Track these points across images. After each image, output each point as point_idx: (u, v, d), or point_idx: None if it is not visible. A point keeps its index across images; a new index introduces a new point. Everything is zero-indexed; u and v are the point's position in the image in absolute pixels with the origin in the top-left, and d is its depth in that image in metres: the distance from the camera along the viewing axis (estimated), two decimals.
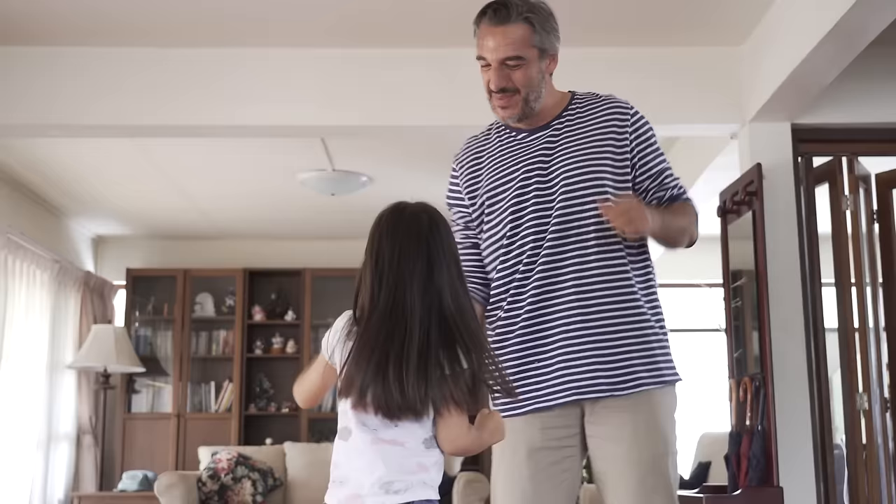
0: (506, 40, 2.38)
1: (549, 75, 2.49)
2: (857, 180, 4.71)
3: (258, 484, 6.94)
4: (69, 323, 7.67)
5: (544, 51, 2.43)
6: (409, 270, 1.91)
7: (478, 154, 2.60)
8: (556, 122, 2.49)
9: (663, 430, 2.37)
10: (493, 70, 2.42)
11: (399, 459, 1.90)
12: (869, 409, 4.49)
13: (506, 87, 2.42)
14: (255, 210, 7.67)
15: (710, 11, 4.45)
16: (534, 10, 2.41)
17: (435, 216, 1.98)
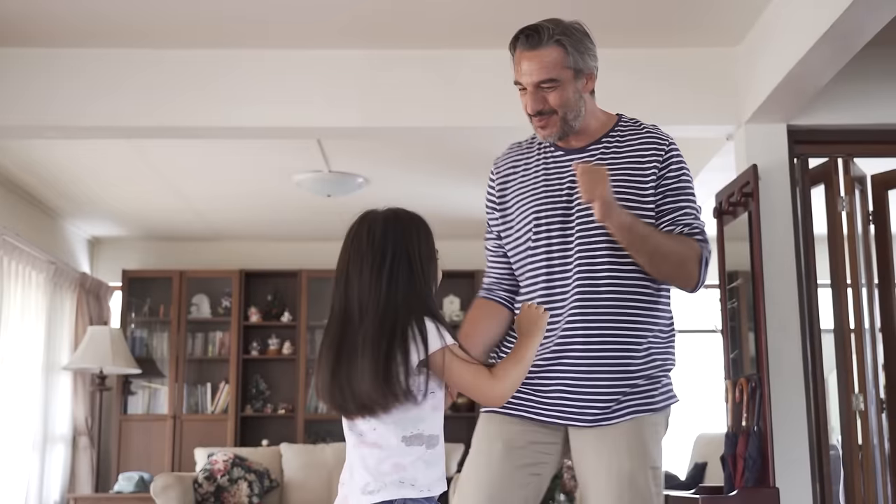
0: (539, 64, 2.42)
1: (589, 94, 2.52)
2: (852, 181, 4.72)
3: (254, 485, 6.93)
4: (65, 324, 7.66)
5: (579, 71, 2.46)
6: (355, 272, 2.04)
7: (515, 163, 2.63)
8: (593, 147, 2.52)
9: (645, 445, 2.39)
10: (529, 94, 2.45)
11: (375, 462, 1.98)
12: (865, 409, 4.50)
13: (542, 109, 2.46)
14: (251, 211, 7.67)
15: (705, 12, 4.46)
16: (566, 33, 2.45)
17: (367, 217, 2.08)
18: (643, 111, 4.85)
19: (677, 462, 7.11)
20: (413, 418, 1.99)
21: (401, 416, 1.98)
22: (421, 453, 1.99)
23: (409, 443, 1.98)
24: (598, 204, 2.30)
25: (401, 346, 1.96)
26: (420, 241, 2.06)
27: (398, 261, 2.01)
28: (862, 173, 4.83)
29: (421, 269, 2.03)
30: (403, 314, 1.98)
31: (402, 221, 2.07)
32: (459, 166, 6.54)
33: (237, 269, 8.20)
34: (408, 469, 1.98)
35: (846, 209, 4.68)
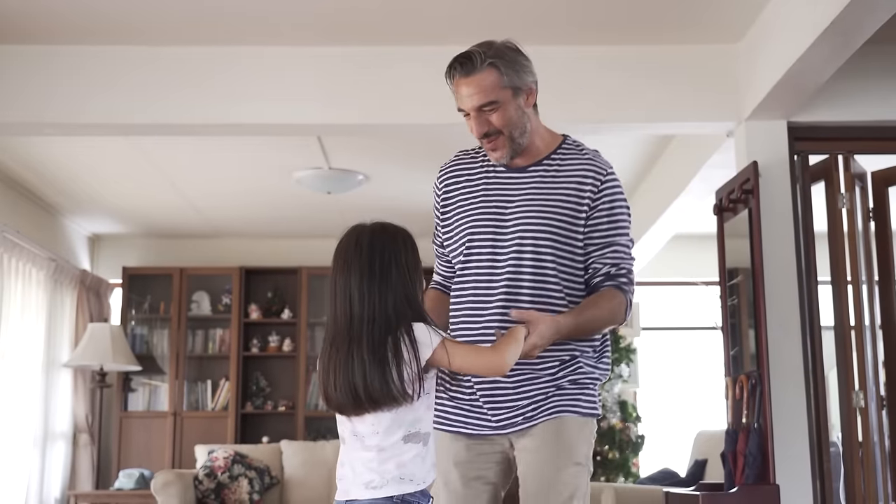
0: (477, 89, 2.48)
1: (532, 110, 2.57)
2: (853, 178, 4.71)
3: (255, 482, 6.94)
4: (65, 321, 7.67)
5: (517, 89, 2.51)
6: (346, 283, 2.23)
7: (458, 174, 2.69)
8: (533, 168, 2.57)
9: (570, 441, 2.46)
10: (473, 118, 2.52)
11: (378, 463, 2.15)
12: (865, 406, 4.50)
13: (487, 131, 2.51)
14: (251, 208, 7.67)
15: (705, 9, 4.46)
16: (498, 55, 2.49)
17: (355, 230, 2.25)
18: (643, 108, 4.89)
19: (678, 459, 7.12)
20: (412, 420, 2.15)
21: (400, 418, 2.14)
22: (418, 450, 2.16)
23: (407, 440, 2.15)
24: (541, 344, 2.37)
25: (393, 350, 2.11)
26: (406, 251, 2.19)
27: (386, 270, 2.16)
28: (862, 170, 4.82)
29: (409, 277, 2.17)
30: (395, 321, 2.13)
31: (389, 233, 2.21)
32: None
33: (237, 266, 8.21)
34: (407, 466, 2.14)
35: (846, 206, 4.68)
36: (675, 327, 8.56)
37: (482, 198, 2.58)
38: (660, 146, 6.28)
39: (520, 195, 2.53)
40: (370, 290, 2.16)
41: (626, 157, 6.51)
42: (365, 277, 2.17)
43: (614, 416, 7.25)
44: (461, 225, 2.59)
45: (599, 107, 4.86)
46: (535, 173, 2.56)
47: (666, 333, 8.68)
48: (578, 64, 4.82)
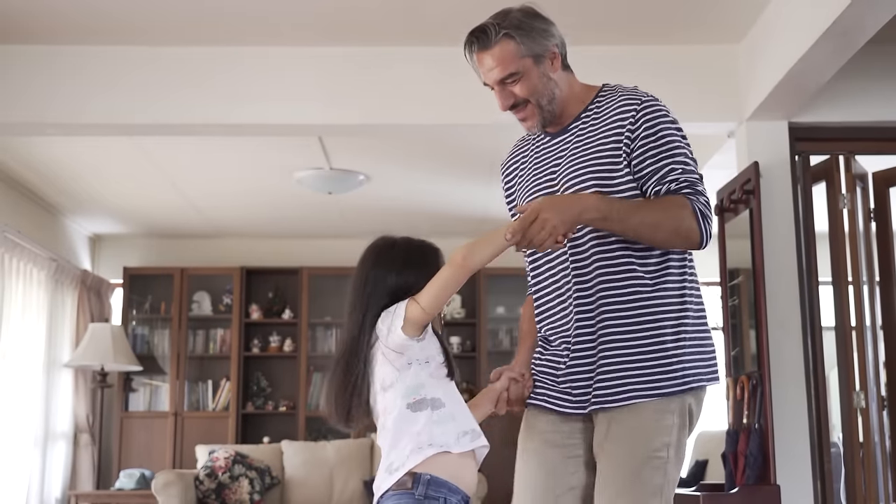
0: (496, 62, 2.41)
1: (561, 72, 2.49)
2: (854, 179, 4.71)
3: (255, 482, 6.94)
4: (66, 321, 7.67)
5: (538, 56, 2.42)
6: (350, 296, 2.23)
7: (515, 160, 2.64)
8: (573, 126, 2.48)
9: (646, 436, 2.29)
10: (497, 92, 2.45)
11: (392, 443, 2.12)
12: (866, 407, 4.50)
13: (514, 102, 2.45)
14: (252, 209, 7.67)
15: (707, 10, 4.46)
16: (513, 24, 2.40)
17: (369, 247, 2.25)
18: None
19: None
20: (413, 386, 2.12)
21: (402, 387, 2.13)
22: (428, 415, 2.11)
23: (414, 409, 2.11)
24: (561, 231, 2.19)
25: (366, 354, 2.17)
26: (400, 266, 2.19)
27: (372, 284, 2.18)
28: (863, 170, 4.82)
29: (400, 292, 2.15)
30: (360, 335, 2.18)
31: (378, 248, 2.23)
32: (460, 163, 6.53)
33: (238, 267, 8.21)
34: (422, 434, 2.10)
35: (847, 206, 4.68)
36: None
37: (533, 172, 2.51)
38: None
39: (565, 157, 2.44)
40: (352, 308, 2.20)
41: None
42: (354, 289, 2.22)
43: None
44: (518, 205, 2.53)
45: None
46: (575, 130, 2.47)
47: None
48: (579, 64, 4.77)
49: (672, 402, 2.33)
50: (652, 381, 2.31)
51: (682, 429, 2.34)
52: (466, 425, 2.15)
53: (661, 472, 2.28)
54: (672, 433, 2.31)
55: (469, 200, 7.35)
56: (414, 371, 2.13)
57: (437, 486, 2.06)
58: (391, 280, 2.17)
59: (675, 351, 2.34)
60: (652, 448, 2.29)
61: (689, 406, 2.36)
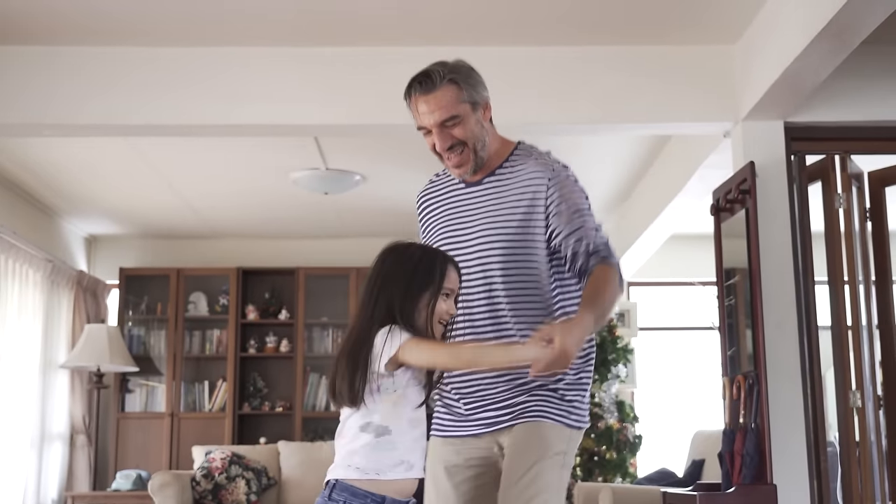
0: (438, 105, 2.56)
1: (488, 123, 2.64)
2: (849, 178, 4.72)
3: (252, 483, 6.93)
4: (62, 322, 7.66)
5: (475, 103, 2.58)
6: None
7: (430, 195, 2.79)
8: (487, 179, 2.63)
9: (546, 437, 2.48)
10: (436, 134, 2.59)
11: (338, 448, 2.28)
12: (862, 406, 4.50)
13: (452, 144, 2.58)
14: (248, 209, 7.66)
15: (703, 10, 4.46)
16: (455, 71, 2.57)
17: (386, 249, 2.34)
18: (640, 108, 4.89)
19: (675, 459, 7.12)
20: (368, 410, 2.23)
21: (363, 409, 2.23)
22: (368, 440, 2.22)
23: (362, 429, 2.23)
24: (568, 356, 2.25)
25: (364, 357, 2.23)
26: (405, 272, 2.27)
27: (377, 287, 2.27)
28: (859, 170, 4.83)
29: (402, 290, 2.25)
30: (374, 327, 2.24)
31: (391, 252, 2.32)
32: None
33: (234, 267, 8.20)
34: (356, 454, 2.23)
35: (843, 206, 4.69)
36: (672, 327, 8.57)
37: (446, 219, 2.67)
38: (657, 146, 6.28)
39: (478, 214, 2.61)
40: (363, 302, 2.29)
41: (624, 158, 6.52)
42: (365, 288, 2.31)
43: (612, 416, 7.25)
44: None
45: (596, 107, 4.86)
46: (489, 184, 2.63)
47: (663, 333, 8.68)
48: (575, 64, 4.82)
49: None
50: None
51: None
52: (406, 456, 2.25)
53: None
54: None
55: None
56: (372, 397, 2.22)
57: (340, 489, 2.23)
58: (391, 288, 2.26)
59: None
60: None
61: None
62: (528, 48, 4.73)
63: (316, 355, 8.25)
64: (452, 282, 2.32)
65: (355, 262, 8.08)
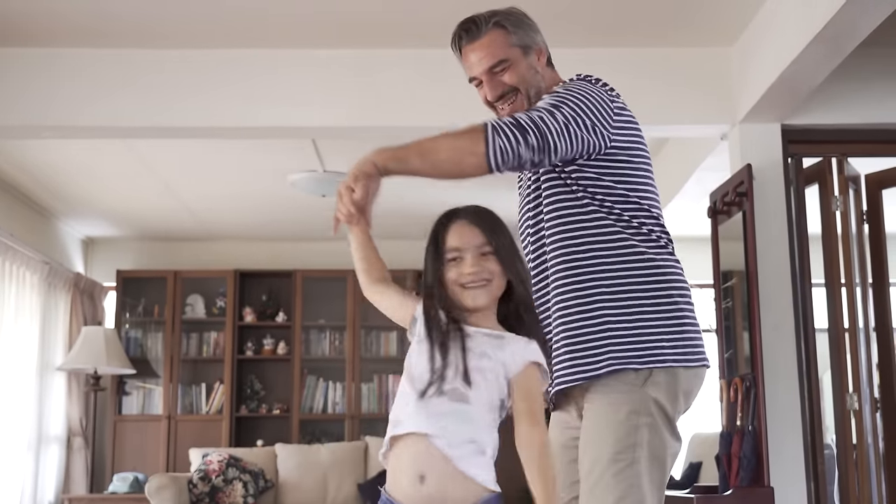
0: (486, 51, 2.40)
1: (544, 67, 2.48)
2: (846, 181, 4.72)
3: (249, 486, 6.93)
4: (59, 325, 7.65)
5: (527, 47, 2.43)
6: None
7: None
8: None
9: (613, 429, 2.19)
10: (486, 82, 2.42)
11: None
12: (859, 408, 4.51)
13: (502, 91, 2.41)
14: (245, 211, 7.66)
15: (700, 12, 4.46)
16: (502, 15, 2.42)
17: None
18: (638, 111, 4.85)
19: None
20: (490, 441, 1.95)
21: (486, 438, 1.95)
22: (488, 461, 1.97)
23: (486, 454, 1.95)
24: (361, 181, 2.14)
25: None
26: (426, 252, 2.05)
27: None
28: (856, 173, 4.83)
29: (426, 266, 2.03)
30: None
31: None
32: None
33: (232, 269, 8.19)
34: (490, 469, 1.97)
35: (840, 209, 4.69)
36: None
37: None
38: (654, 149, 6.29)
39: None
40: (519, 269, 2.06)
41: None
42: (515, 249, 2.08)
43: None
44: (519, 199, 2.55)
45: None
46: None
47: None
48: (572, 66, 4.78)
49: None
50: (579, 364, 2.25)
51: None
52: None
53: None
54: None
55: (462, 202, 7.33)
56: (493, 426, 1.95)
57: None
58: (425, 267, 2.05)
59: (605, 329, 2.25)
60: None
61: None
62: None
63: (313, 358, 8.24)
64: (455, 240, 2.01)
65: (352, 265, 8.02)
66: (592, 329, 2.25)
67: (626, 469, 2.17)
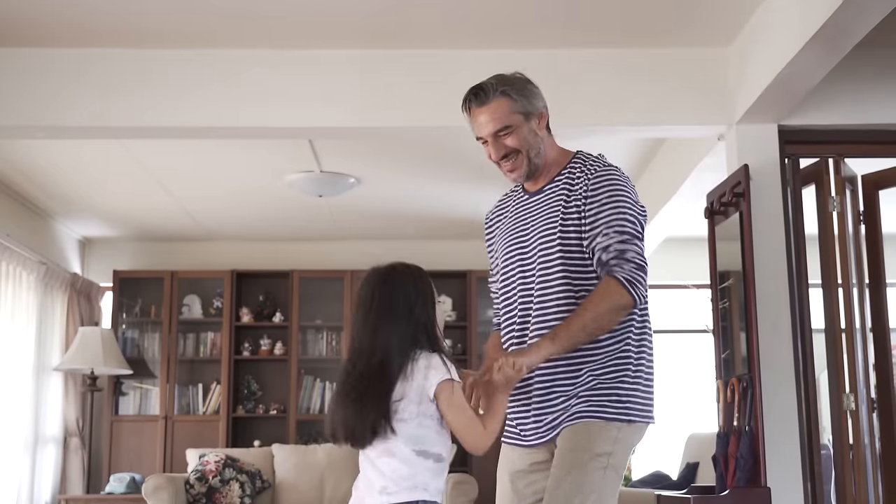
0: (492, 116, 2.69)
1: (544, 131, 2.76)
2: (843, 181, 4.73)
3: (246, 486, 6.92)
4: (56, 325, 7.64)
5: (528, 114, 2.71)
6: (355, 322, 2.40)
7: (497, 212, 2.92)
8: (547, 187, 2.73)
9: (586, 439, 2.53)
10: (490, 144, 2.73)
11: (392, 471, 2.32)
12: (856, 409, 4.51)
13: (505, 153, 2.72)
14: (242, 211, 7.66)
15: (697, 13, 4.46)
16: (508, 83, 2.70)
17: (367, 274, 2.44)
18: (635, 111, 4.90)
19: (669, 462, 7.12)
20: (417, 437, 2.31)
21: (410, 433, 2.31)
22: (430, 465, 2.33)
23: (418, 455, 2.32)
24: (521, 371, 2.46)
25: (388, 384, 2.29)
26: (407, 288, 2.38)
27: (383, 308, 2.35)
28: (853, 173, 4.84)
29: (409, 314, 2.35)
30: (392, 355, 2.31)
31: (387, 273, 2.41)
32: (451, 166, 6.54)
33: (228, 270, 8.19)
34: (418, 476, 2.31)
35: (837, 209, 4.70)
36: (666, 330, 8.57)
37: (510, 228, 2.79)
38: (651, 149, 6.29)
39: (538, 218, 2.70)
40: (367, 328, 2.35)
41: (618, 161, 6.48)
42: (364, 316, 2.37)
43: None
44: (497, 256, 2.83)
45: (591, 110, 4.86)
46: (548, 192, 2.72)
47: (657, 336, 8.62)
48: (569, 67, 4.83)
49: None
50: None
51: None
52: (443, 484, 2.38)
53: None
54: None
55: (458, 203, 7.35)
56: (424, 423, 2.32)
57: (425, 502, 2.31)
58: (421, 313, 2.38)
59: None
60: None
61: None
62: (523, 51, 4.73)
63: (310, 358, 8.24)
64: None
65: (350, 265, 8.07)
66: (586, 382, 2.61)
67: (600, 468, 2.54)
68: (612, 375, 2.60)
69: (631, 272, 2.56)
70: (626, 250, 2.57)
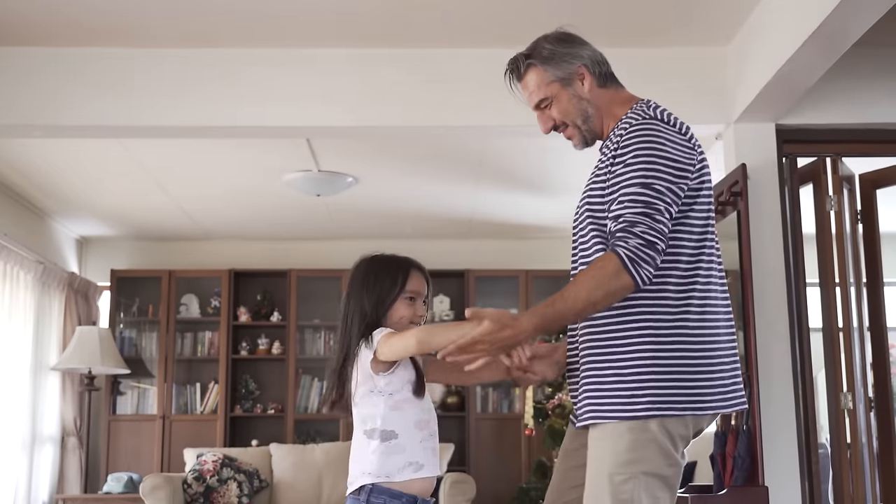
0: (528, 90, 2.56)
1: (592, 89, 2.55)
2: (841, 181, 4.73)
3: (244, 486, 6.92)
4: (53, 324, 7.64)
5: (564, 79, 2.53)
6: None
7: None
8: (603, 145, 2.55)
9: (601, 459, 2.33)
10: (538, 117, 2.59)
11: (350, 462, 2.43)
12: (853, 408, 4.51)
13: (552, 125, 2.58)
14: (240, 211, 7.65)
15: (695, 12, 4.47)
16: (534, 52, 2.54)
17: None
18: None
19: None
20: (365, 416, 2.37)
21: (358, 415, 2.39)
22: (376, 446, 2.34)
23: (368, 435, 2.36)
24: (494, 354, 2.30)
25: (345, 370, 2.40)
26: (366, 283, 2.48)
27: (350, 302, 2.47)
28: (850, 172, 4.84)
29: (371, 306, 2.42)
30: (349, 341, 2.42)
31: (356, 266, 2.55)
32: (448, 166, 6.54)
33: (226, 269, 8.18)
34: (364, 459, 2.36)
35: (834, 208, 4.70)
36: None
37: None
38: None
39: (589, 176, 2.53)
40: (342, 315, 2.47)
41: None
42: (342, 304, 2.49)
43: None
44: None
45: None
46: (602, 149, 2.53)
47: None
48: None
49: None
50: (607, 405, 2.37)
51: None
52: (413, 457, 2.34)
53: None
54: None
55: (456, 202, 7.35)
56: (372, 401, 2.35)
57: (378, 492, 2.32)
58: (359, 300, 2.45)
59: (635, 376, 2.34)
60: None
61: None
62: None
63: (308, 357, 8.23)
64: (415, 285, 2.45)
65: (347, 264, 7.91)
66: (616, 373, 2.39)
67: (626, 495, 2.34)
68: (612, 361, 2.34)
69: (636, 248, 2.22)
70: (636, 222, 2.24)
